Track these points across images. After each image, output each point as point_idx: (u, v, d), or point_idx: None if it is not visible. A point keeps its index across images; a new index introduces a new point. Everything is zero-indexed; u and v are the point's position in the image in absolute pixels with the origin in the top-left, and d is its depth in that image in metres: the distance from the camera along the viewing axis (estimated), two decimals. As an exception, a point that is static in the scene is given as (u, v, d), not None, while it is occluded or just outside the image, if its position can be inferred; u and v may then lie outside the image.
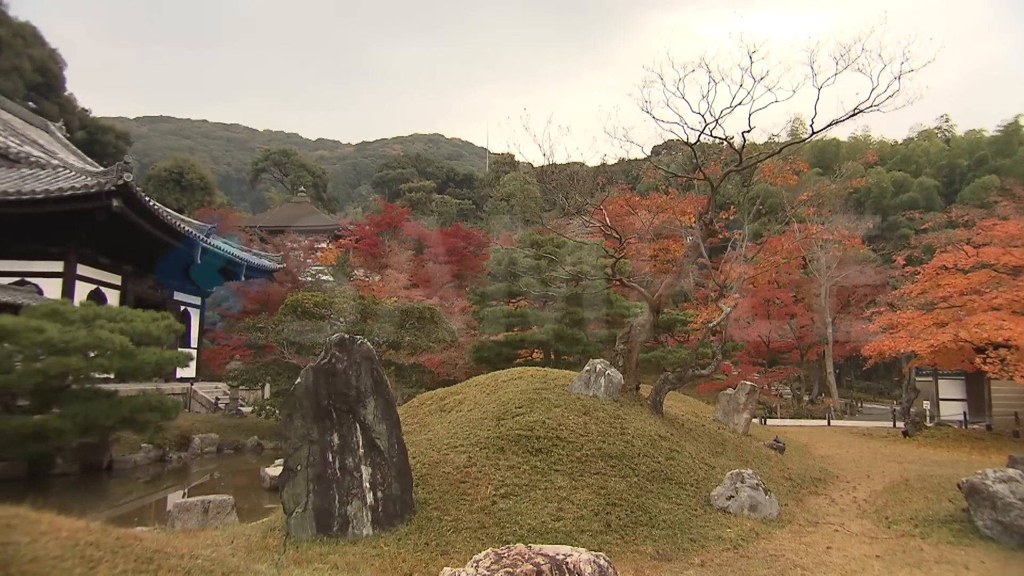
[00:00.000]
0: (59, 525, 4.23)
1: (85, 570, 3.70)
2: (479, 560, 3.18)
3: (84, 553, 3.85)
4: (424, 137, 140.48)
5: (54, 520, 4.34)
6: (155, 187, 51.05)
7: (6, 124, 24.74)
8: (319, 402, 6.46)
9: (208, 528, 7.76)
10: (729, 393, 14.17)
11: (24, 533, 3.92)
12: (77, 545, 3.92)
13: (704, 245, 11.69)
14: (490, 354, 24.90)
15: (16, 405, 14.84)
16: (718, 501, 7.72)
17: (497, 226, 50.03)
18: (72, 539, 3.99)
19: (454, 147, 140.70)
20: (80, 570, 3.68)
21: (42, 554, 3.71)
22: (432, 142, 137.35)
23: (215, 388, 25.77)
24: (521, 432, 8.10)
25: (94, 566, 3.76)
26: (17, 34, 49.12)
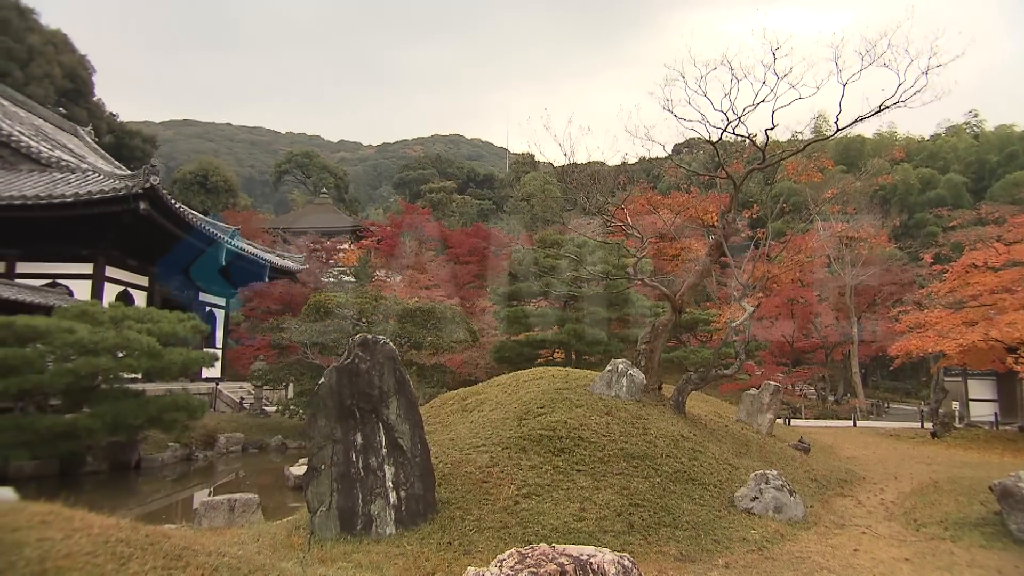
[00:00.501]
0: (91, 522, 4.32)
1: (116, 566, 3.78)
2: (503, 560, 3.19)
3: (115, 550, 3.93)
4: (444, 138, 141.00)
5: (86, 517, 4.44)
6: (181, 190, 51.85)
7: (38, 129, 25.28)
8: (342, 402, 6.51)
9: (234, 526, 7.87)
10: (752, 393, 14.04)
11: (58, 529, 4.02)
12: (108, 542, 4.00)
13: (726, 244, 11.59)
14: (511, 354, 24.92)
15: (48, 404, 15.17)
16: (742, 502, 7.65)
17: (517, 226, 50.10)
18: (103, 536, 4.07)
19: (474, 148, 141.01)
20: (112, 566, 3.76)
21: (75, 550, 3.80)
22: (452, 143, 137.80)
23: (240, 388, 26.11)
24: (543, 432, 8.10)
25: (125, 562, 3.83)
26: (48, 41, 50.22)
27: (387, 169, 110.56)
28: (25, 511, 4.26)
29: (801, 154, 12.45)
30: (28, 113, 26.89)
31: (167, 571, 3.89)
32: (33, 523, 4.01)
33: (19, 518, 4.05)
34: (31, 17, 51.03)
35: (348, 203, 72.71)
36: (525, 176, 67.32)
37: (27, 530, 3.89)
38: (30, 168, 21.32)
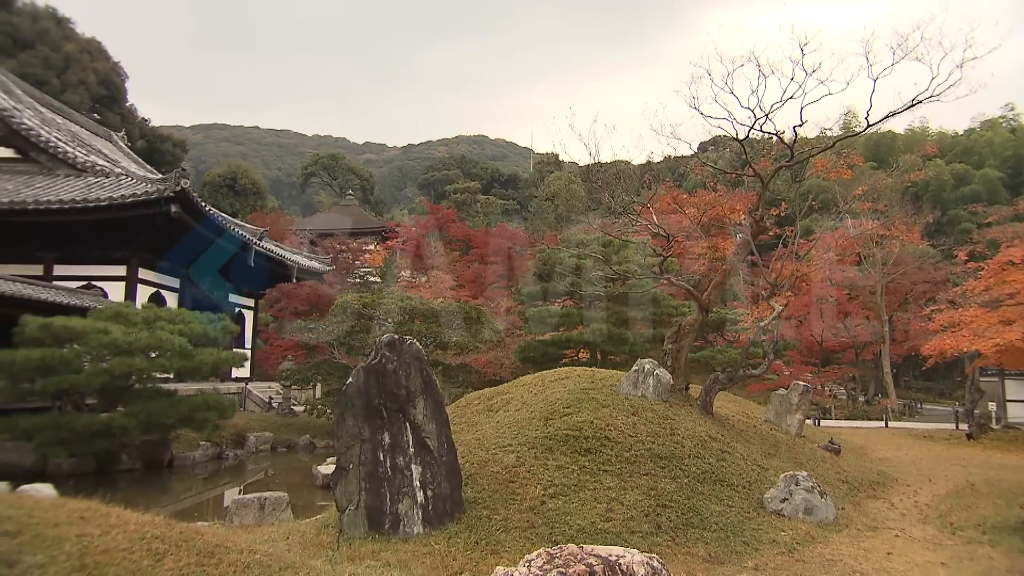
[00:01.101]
0: (127, 519, 4.42)
1: (152, 562, 3.86)
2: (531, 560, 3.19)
3: (151, 546, 4.01)
4: (469, 139, 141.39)
5: (122, 514, 4.54)
6: (210, 192, 52.67)
7: (74, 135, 25.89)
8: (370, 401, 6.57)
9: (264, 524, 7.98)
10: (781, 393, 13.86)
11: (96, 526, 4.12)
12: (144, 538, 4.09)
13: (754, 242, 11.45)
14: (536, 354, 24.90)
15: (85, 404, 15.54)
16: (771, 504, 7.56)
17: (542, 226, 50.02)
18: (139, 532, 4.16)
19: (498, 148, 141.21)
20: (148, 562, 3.84)
21: (112, 546, 3.89)
22: (477, 143, 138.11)
23: (269, 388, 26.46)
24: (569, 432, 8.08)
25: (160, 558, 3.92)
26: (84, 49, 51.43)
27: (412, 170, 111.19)
28: (65, 507, 4.37)
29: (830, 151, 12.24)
30: (65, 119, 27.56)
31: (201, 568, 3.96)
32: (72, 519, 4.12)
33: (59, 514, 4.16)
34: (67, 26, 52.34)
35: (374, 204, 73.26)
36: (549, 176, 67.22)
37: (67, 526, 3.99)
38: (67, 173, 21.85)
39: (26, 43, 47.64)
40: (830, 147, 12.10)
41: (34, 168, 21.99)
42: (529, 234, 43.38)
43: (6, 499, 4.45)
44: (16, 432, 13.87)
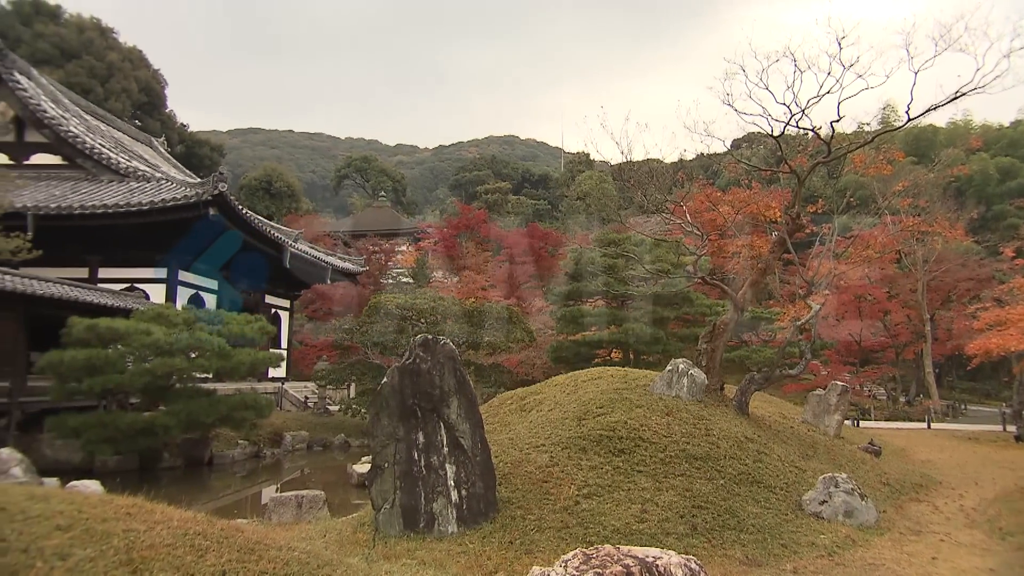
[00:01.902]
0: (170, 515, 4.53)
1: (195, 558, 3.95)
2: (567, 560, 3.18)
3: (193, 542, 4.11)
4: (499, 139, 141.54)
5: (166, 510, 4.66)
6: (246, 195, 53.70)
7: (117, 142, 26.64)
8: (404, 401, 6.63)
9: (302, 522, 8.11)
10: (819, 394, 13.60)
11: (141, 521, 4.23)
12: (187, 534, 4.19)
13: (790, 240, 11.26)
14: (568, 354, 24.85)
15: (129, 403, 15.98)
16: (810, 506, 7.42)
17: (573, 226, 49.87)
18: (182, 528, 4.27)
19: (529, 148, 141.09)
20: (190, 558, 3.94)
21: (157, 541, 3.99)
22: (507, 144, 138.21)
23: (304, 387, 26.87)
24: (603, 432, 8.05)
25: (203, 555, 4.01)
26: (126, 58, 52.92)
27: (443, 171, 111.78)
28: (112, 503, 4.51)
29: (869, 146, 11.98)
30: (108, 126, 28.36)
31: (242, 564, 4.05)
32: (119, 515, 4.24)
33: (107, 510, 4.28)
34: (111, 36, 53.93)
35: (405, 205, 73.91)
36: (580, 175, 67.01)
37: (114, 521, 4.11)
38: (110, 178, 22.49)
39: (72, 53, 49.19)
40: (868, 142, 11.84)
41: (80, 174, 22.69)
42: (560, 234, 43.30)
43: (58, 495, 4.60)
44: (65, 430, 14.34)
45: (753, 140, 48.44)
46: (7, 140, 23.04)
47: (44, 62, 43.29)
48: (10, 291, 14.56)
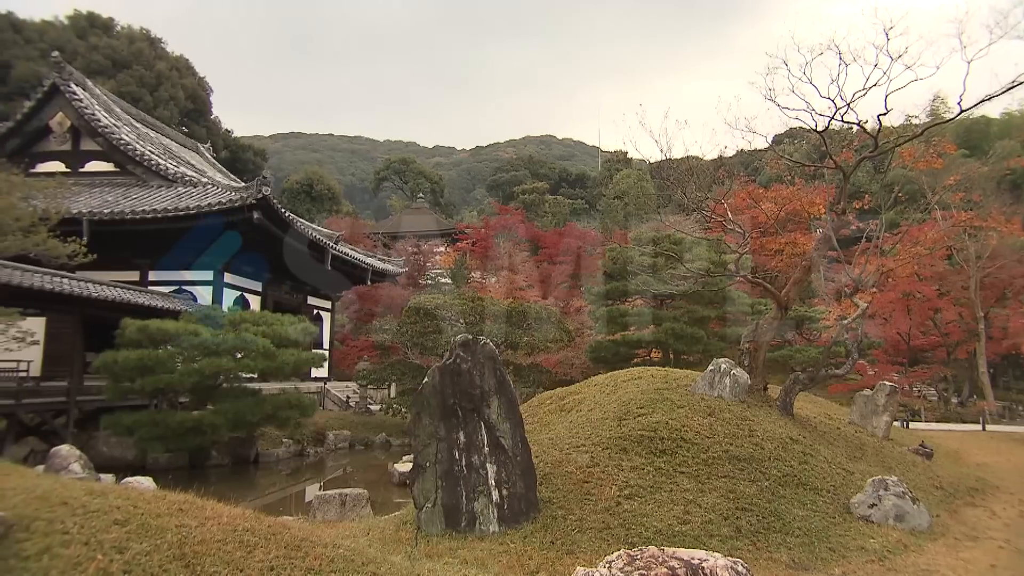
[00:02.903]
0: (220, 511, 4.66)
1: (244, 553, 4.05)
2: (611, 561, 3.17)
3: (242, 538, 4.22)
4: (536, 139, 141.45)
5: (216, 507, 4.80)
6: (289, 199, 54.78)
7: (165, 148, 27.47)
8: (445, 401, 6.68)
9: (346, 520, 8.24)
10: (866, 394, 13.24)
11: (193, 517, 4.36)
12: (236, 531, 4.30)
13: (835, 237, 10.99)
14: (607, 354, 24.69)
15: (178, 402, 16.45)
16: (859, 509, 7.24)
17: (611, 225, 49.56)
18: (231, 525, 4.38)
19: (566, 147, 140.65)
20: (240, 553, 4.04)
21: (208, 537, 4.11)
22: (544, 143, 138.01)
23: (346, 387, 27.28)
24: (644, 433, 7.98)
25: (251, 550, 4.11)
26: (173, 67, 54.57)
27: (480, 172, 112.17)
28: (165, 499, 4.66)
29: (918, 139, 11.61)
30: (157, 134, 29.26)
31: (288, 560, 4.14)
32: (172, 511, 4.38)
33: (160, 506, 4.43)
34: (159, 46, 55.72)
35: (443, 207, 74.38)
36: (618, 174, 66.52)
37: (167, 517, 4.25)
38: (159, 184, 23.19)
39: (124, 64, 50.94)
40: (918, 135, 11.49)
41: (131, 180, 23.45)
42: (598, 233, 43.06)
43: (114, 490, 4.77)
44: (119, 428, 14.84)
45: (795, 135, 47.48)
46: (64, 149, 23.97)
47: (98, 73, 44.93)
48: (68, 294, 15.13)
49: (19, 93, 37.86)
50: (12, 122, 24.05)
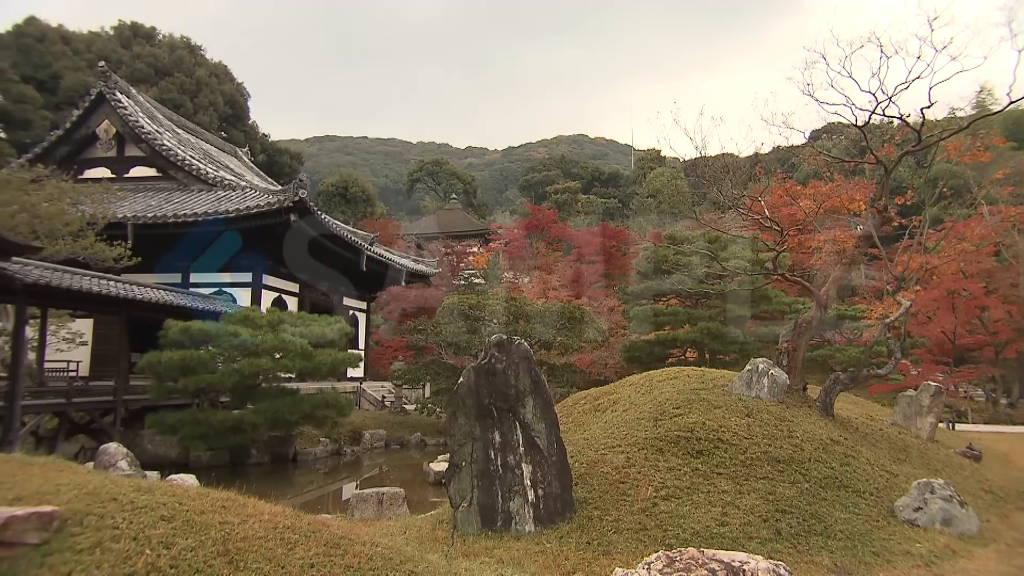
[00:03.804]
0: (261, 509, 4.76)
1: (285, 550, 4.13)
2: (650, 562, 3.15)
3: (283, 535, 4.30)
4: (568, 138, 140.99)
5: (257, 504, 4.90)
6: (324, 201, 55.57)
7: (205, 153, 28.12)
8: (480, 400, 6.71)
9: (383, 518, 8.34)
10: (910, 395, 12.90)
11: (235, 514, 4.46)
12: (277, 528, 4.39)
13: (877, 234, 10.73)
14: (641, 353, 24.50)
15: (219, 401, 16.82)
16: (903, 512, 7.06)
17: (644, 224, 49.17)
18: (272, 522, 4.47)
19: (598, 147, 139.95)
20: (281, 550, 4.12)
21: (250, 534, 4.20)
22: (576, 143, 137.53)
23: (381, 387, 27.58)
24: (680, 433, 7.90)
25: (292, 547, 4.19)
26: (212, 73, 55.86)
27: (513, 172, 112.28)
28: (208, 496, 4.77)
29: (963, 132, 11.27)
30: (197, 139, 29.99)
31: (328, 558, 4.20)
32: (215, 508, 4.49)
33: (204, 502, 4.54)
34: (199, 53, 57.10)
35: (476, 207, 74.65)
36: (651, 172, 65.97)
37: (211, 513, 4.35)
38: (199, 188, 23.76)
39: (165, 71, 52.32)
40: (964, 128, 11.14)
41: (173, 184, 24.08)
42: (631, 232, 42.76)
43: (160, 487, 4.90)
44: (163, 427, 15.24)
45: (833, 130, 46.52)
46: (110, 155, 24.73)
47: (141, 81, 46.23)
48: (114, 296, 15.59)
49: (68, 103, 39.17)
50: (61, 130, 24.91)
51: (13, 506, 3.88)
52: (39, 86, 45.81)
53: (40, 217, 15.65)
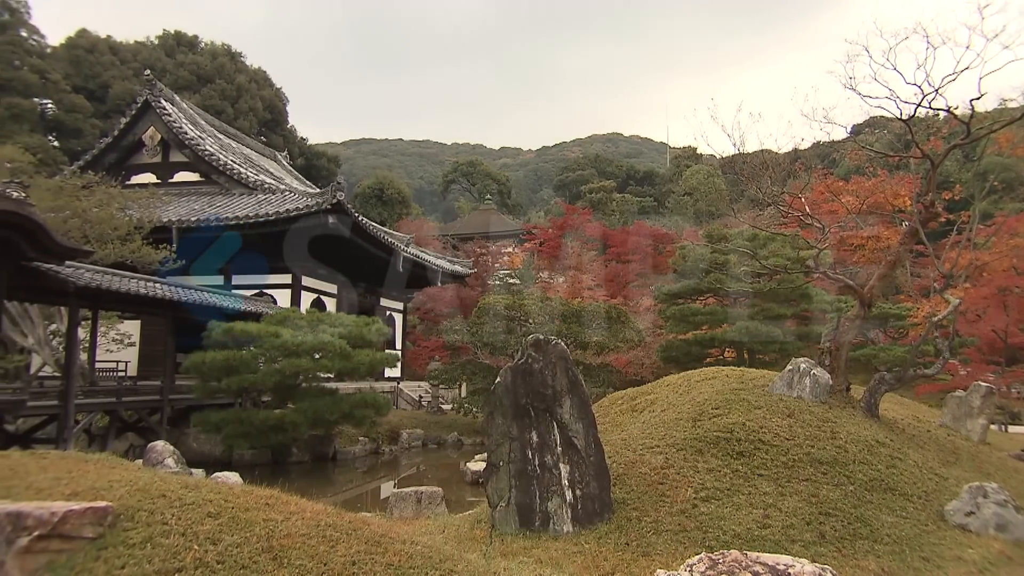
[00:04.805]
0: (304, 507, 4.85)
1: (327, 548, 4.20)
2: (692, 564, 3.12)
3: (325, 533, 4.37)
4: (602, 137, 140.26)
5: (300, 502, 4.99)
6: (361, 203, 56.24)
7: (246, 157, 28.76)
8: (518, 400, 6.72)
9: (421, 517, 8.40)
10: (959, 395, 12.49)
11: (279, 512, 4.55)
12: (319, 525, 4.46)
13: (923, 230, 10.43)
14: (678, 353, 24.25)
15: (261, 401, 17.18)
16: (954, 517, 6.84)
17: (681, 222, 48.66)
18: (315, 520, 4.55)
19: (633, 145, 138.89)
20: (323, 548, 4.19)
21: (293, 531, 4.28)
22: (610, 142, 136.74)
23: (418, 387, 27.82)
24: (720, 434, 7.80)
25: (334, 545, 4.25)
26: (252, 79, 57.10)
27: (547, 172, 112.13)
28: (253, 494, 4.88)
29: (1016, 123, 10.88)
30: (238, 144, 30.69)
31: (370, 555, 4.26)
32: (259, 505, 4.59)
33: (248, 500, 4.64)
34: (239, 60, 58.42)
35: (511, 207, 74.76)
36: (687, 170, 65.19)
37: (255, 511, 4.45)
38: (241, 192, 24.31)
39: (207, 78, 53.68)
40: (1016, 120, 10.76)
41: (215, 189, 24.68)
42: (667, 231, 42.34)
43: (206, 484, 5.03)
44: (208, 425, 15.63)
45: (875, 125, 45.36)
46: (155, 161, 25.48)
47: (184, 88, 47.49)
48: (161, 298, 16.04)
49: (116, 111, 40.48)
50: (110, 138, 25.76)
51: (70, 501, 4.03)
52: (89, 95, 47.46)
53: (91, 222, 16.22)
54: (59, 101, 45.28)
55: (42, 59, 45.79)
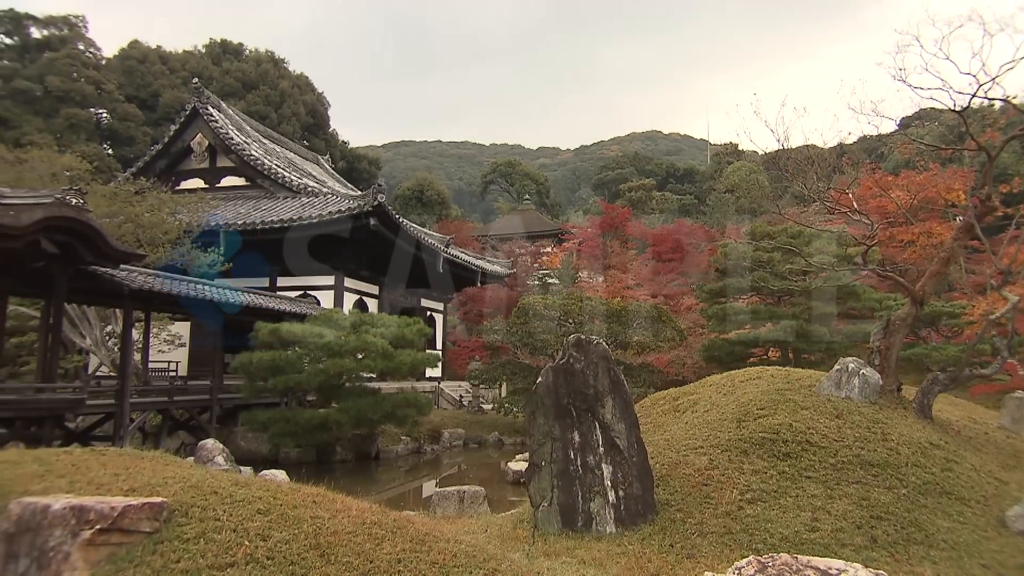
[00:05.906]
0: (349, 505, 4.93)
1: (373, 545, 4.27)
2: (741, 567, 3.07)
3: (371, 531, 4.44)
4: (641, 135, 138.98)
5: (345, 500, 5.08)
6: (401, 205, 56.87)
7: (289, 161, 29.37)
8: (559, 400, 6.71)
9: (464, 516, 8.46)
10: (1018, 396, 11.99)
11: (325, 509, 4.64)
12: (365, 523, 4.54)
13: (979, 225, 10.05)
14: (721, 353, 23.85)
15: (306, 400, 17.51)
16: (1016, 523, 6.58)
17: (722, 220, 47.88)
18: (360, 518, 4.62)
19: (672, 142, 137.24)
20: (369, 545, 4.26)
21: (340, 528, 4.36)
22: (650, 139, 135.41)
23: (459, 386, 27.99)
24: (765, 435, 7.65)
25: (379, 543, 4.32)
26: (295, 84, 58.33)
27: (585, 171, 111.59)
28: (300, 492, 4.98)
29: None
30: (282, 148, 31.36)
31: (414, 553, 4.31)
32: (307, 502, 4.68)
33: (296, 497, 4.74)
34: (282, 66, 59.74)
35: (549, 207, 74.60)
36: (729, 167, 64.10)
37: (303, 508, 4.54)
38: (285, 195, 24.83)
39: (252, 85, 55.03)
40: (1079, 107, 10.28)
41: (260, 193, 25.26)
42: (708, 229, 41.71)
43: (255, 482, 5.16)
44: (255, 424, 16.00)
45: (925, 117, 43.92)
46: (203, 167, 26.22)
47: (230, 94, 48.76)
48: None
49: (166, 118, 41.83)
50: (160, 145, 26.61)
51: (128, 496, 4.18)
52: (141, 104, 49.12)
53: (143, 226, 16.77)
54: (113, 110, 46.99)
55: (97, 70, 47.60)
